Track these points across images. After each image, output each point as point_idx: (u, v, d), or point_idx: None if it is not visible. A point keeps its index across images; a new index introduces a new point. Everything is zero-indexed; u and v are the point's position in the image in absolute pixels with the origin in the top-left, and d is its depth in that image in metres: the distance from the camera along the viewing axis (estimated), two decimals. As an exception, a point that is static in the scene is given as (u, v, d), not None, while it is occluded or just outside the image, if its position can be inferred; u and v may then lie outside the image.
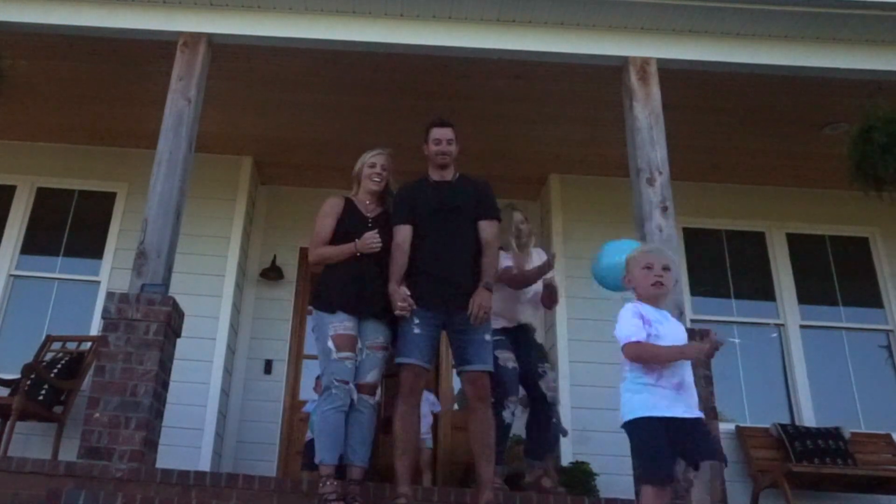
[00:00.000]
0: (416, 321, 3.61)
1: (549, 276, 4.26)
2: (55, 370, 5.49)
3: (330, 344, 3.58)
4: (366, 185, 3.98)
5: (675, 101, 5.09)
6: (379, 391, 3.86)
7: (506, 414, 4.08)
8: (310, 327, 5.13)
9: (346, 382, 3.55)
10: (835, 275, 6.61)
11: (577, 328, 6.09)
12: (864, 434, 5.85)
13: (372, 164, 3.98)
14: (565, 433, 5.56)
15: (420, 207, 3.79)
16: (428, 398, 5.83)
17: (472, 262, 3.76)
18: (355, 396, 3.61)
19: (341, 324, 3.61)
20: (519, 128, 6.13)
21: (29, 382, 5.25)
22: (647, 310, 2.93)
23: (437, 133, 3.91)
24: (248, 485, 3.64)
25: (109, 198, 6.62)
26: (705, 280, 6.52)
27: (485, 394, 3.63)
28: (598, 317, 5.94)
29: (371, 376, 3.69)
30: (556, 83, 5.51)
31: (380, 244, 3.72)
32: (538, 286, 4.36)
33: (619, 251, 3.55)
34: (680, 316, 4.39)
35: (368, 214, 3.93)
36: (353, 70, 5.47)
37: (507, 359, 4.15)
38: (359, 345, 3.66)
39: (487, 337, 3.68)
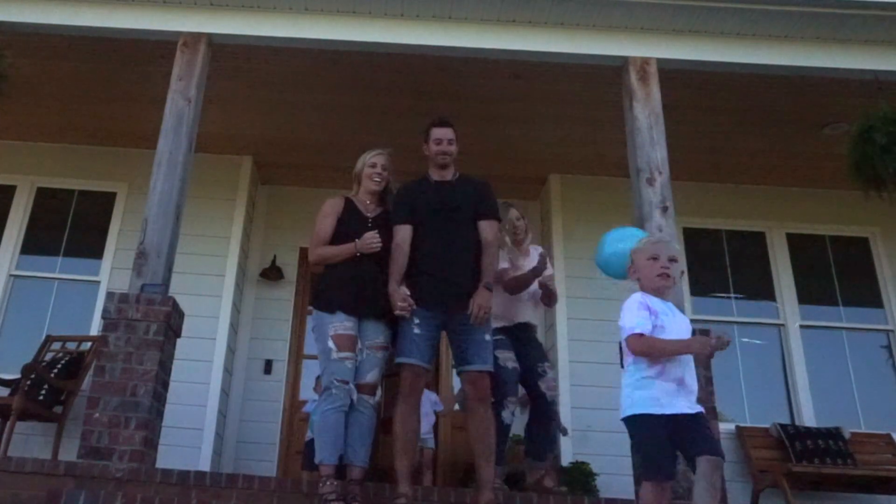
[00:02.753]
0: (416, 321, 3.61)
1: (546, 274, 4.27)
2: (55, 370, 5.49)
3: (330, 343, 3.59)
4: (366, 185, 3.99)
5: (675, 101, 5.09)
6: (379, 391, 3.86)
7: (505, 414, 4.05)
8: (310, 327, 5.14)
9: (346, 382, 3.55)
10: (835, 275, 6.61)
11: (577, 328, 6.09)
12: (864, 434, 5.85)
13: (373, 164, 3.99)
14: (565, 432, 5.55)
15: (420, 207, 3.79)
16: (430, 397, 5.82)
17: (472, 262, 3.75)
18: (355, 396, 3.61)
19: (341, 324, 3.62)
20: (519, 128, 6.13)
21: (29, 382, 5.25)
22: (654, 301, 2.90)
23: (438, 133, 3.92)
24: (248, 485, 3.64)
25: (109, 198, 6.62)
26: (705, 280, 6.52)
27: (485, 394, 3.62)
28: (599, 317, 5.94)
29: (371, 376, 3.69)
30: (556, 83, 5.51)
31: (380, 244, 3.72)
32: (536, 285, 4.35)
33: (623, 239, 3.46)
34: (680, 316, 4.39)
35: (368, 214, 3.93)
36: (353, 70, 5.47)
37: (507, 358, 4.13)
38: (359, 345, 3.66)
39: (487, 337, 3.67)
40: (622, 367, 2.96)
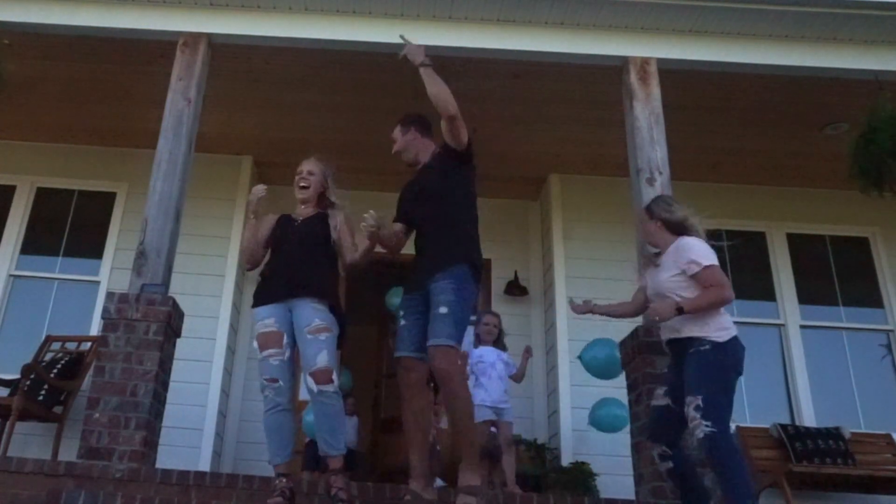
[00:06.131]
0: (401, 312, 3.54)
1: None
2: (55, 370, 5.49)
3: (255, 345, 3.59)
4: (295, 195, 3.94)
5: (675, 101, 5.09)
6: (336, 377, 3.56)
7: (660, 464, 3.48)
8: None
9: (276, 381, 3.45)
10: (835, 275, 6.61)
11: (577, 328, 6.08)
12: (864, 434, 5.85)
13: (298, 171, 3.95)
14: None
15: (403, 202, 3.78)
16: (501, 356, 5.09)
17: (445, 233, 3.54)
18: (285, 396, 3.48)
19: (262, 321, 3.56)
20: (519, 128, 6.13)
21: (29, 382, 5.25)
22: None
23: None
24: (248, 485, 3.64)
25: (109, 198, 6.62)
26: (705, 280, 6.51)
27: (445, 373, 3.22)
28: (599, 317, 5.93)
29: (320, 360, 3.41)
30: (555, 83, 5.51)
31: (263, 191, 3.78)
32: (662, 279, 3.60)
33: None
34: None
35: (298, 218, 3.87)
36: (353, 70, 5.47)
37: (656, 395, 3.61)
38: (286, 339, 3.53)
39: (443, 310, 3.28)
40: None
